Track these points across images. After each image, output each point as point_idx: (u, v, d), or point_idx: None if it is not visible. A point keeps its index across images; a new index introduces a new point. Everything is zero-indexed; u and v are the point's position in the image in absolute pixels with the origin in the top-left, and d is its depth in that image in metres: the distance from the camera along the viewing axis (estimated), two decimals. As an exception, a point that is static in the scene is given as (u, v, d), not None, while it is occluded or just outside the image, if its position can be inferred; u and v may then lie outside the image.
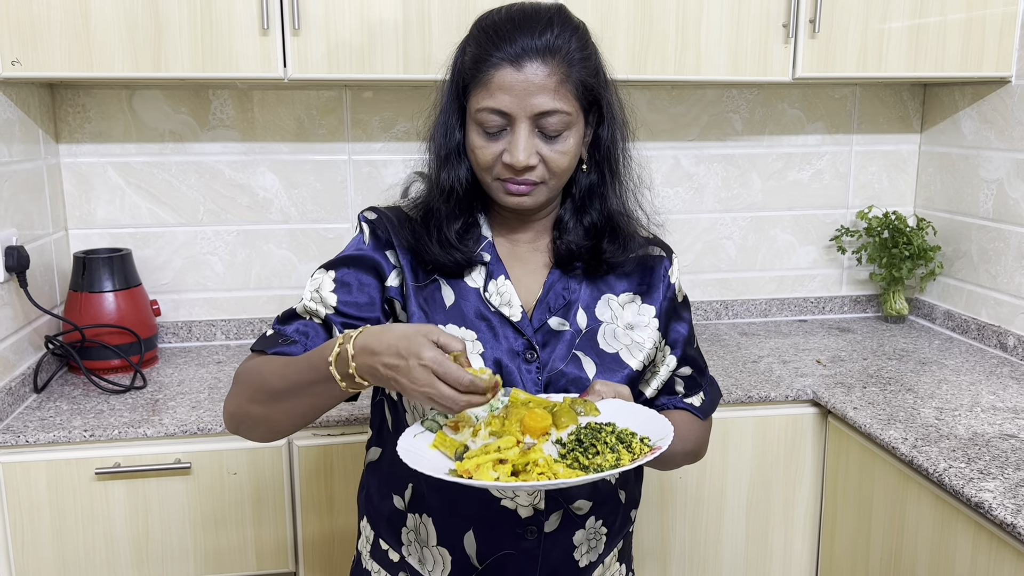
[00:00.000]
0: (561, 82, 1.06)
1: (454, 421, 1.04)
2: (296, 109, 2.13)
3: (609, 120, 1.14)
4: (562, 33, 1.07)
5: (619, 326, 1.18)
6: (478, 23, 1.12)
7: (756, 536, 1.91)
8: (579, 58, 1.08)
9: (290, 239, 2.19)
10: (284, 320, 1.13)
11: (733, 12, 1.90)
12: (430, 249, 1.12)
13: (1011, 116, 2.07)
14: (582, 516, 1.15)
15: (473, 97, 1.08)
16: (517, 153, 1.06)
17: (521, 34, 1.06)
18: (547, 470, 0.94)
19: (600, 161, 1.16)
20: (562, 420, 1.01)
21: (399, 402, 1.16)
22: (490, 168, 1.10)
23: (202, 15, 1.72)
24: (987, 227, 2.16)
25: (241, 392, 1.08)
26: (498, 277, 1.15)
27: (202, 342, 2.18)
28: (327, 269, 1.14)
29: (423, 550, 1.17)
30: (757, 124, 2.33)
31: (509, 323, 1.13)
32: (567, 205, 1.18)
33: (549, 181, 1.10)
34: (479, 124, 1.08)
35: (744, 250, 2.40)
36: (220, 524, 1.69)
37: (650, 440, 1.00)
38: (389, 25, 1.79)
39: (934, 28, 1.98)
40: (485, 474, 0.93)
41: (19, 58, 1.69)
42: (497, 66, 1.05)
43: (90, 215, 2.09)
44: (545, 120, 1.06)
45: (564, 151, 1.09)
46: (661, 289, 1.22)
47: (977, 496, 1.36)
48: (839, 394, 1.81)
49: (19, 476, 1.60)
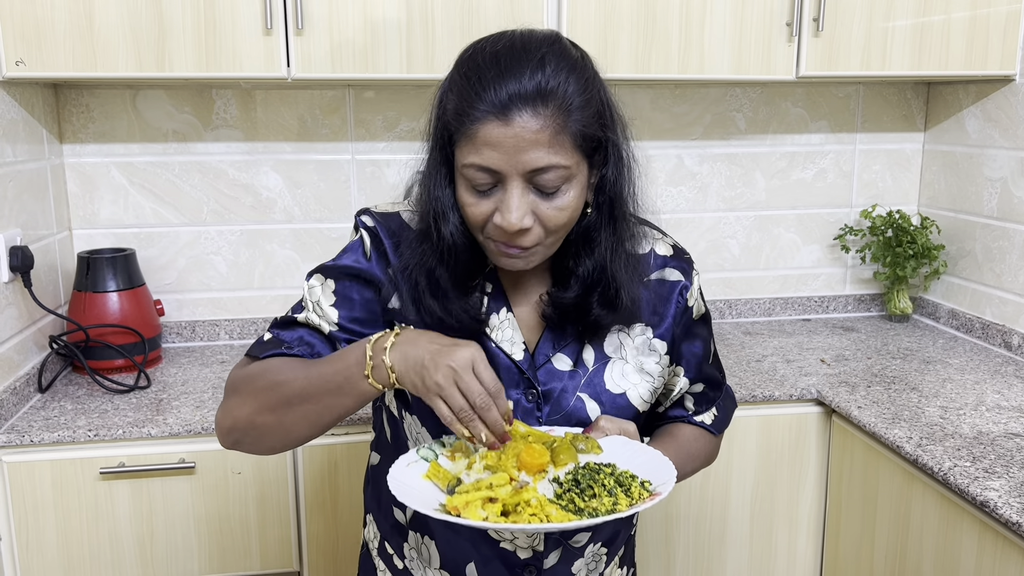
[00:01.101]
0: (556, 133, 0.92)
1: (451, 450, 1.00)
2: (299, 109, 2.13)
3: (615, 161, 1.01)
4: (556, 74, 0.93)
5: (628, 362, 1.10)
6: (459, 66, 0.97)
7: (760, 535, 1.91)
8: (578, 103, 0.93)
9: (294, 239, 2.19)
10: (283, 326, 1.07)
11: (736, 11, 1.89)
12: (431, 315, 1.03)
13: (1015, 114, 2.06)
14: (580, 547, 1.12)
15: (459, 151, 0.95)
16: (509, 216, 0.93)
17: (507, 80, 0.91)
18: (539, 511, 0.90)
19: (603, 204, 1.02)
20: (561, 457, 0.96)
21: (400, 422, 1.12)
22: (481, 227, 0.98)
23: (205, 15, 1.72)
24: (991, 226, 2.16)
25: (247, 401, 0.99)
26: (500, 310, 1.08)
27: (206, 342, 2.19)
28: (326, 276, 1.08)
29: (427, 570, 1.14)
30: (761, 123, 2.33)
31: (511, 360, 1.07)
32: (569, 250, 1.05)
33: (546, 240, 0.98)
34: (467, 180, 0.96)
35: (748, 249, 2.40)
36: (224, 524, 1.70)
37: (651, 485, 0.95)
38: (392, 24, 1.79)
39: (938, 26, 1.98)
40: (473, 513, 0.89)
41: (23, 58, 1.69)
42: (482, 120, 0.91)
43: (94, 215, 2.10)
44: (540, 177, 0.93)
45: (563, 207, 0.96)
46: (673, 316, 1.13)
47: (982, 495, 1.35)
48: (843, 393, 1.81)
49: (24, 476, 1.61)
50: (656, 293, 1.13)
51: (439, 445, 1.02)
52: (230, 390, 1.03)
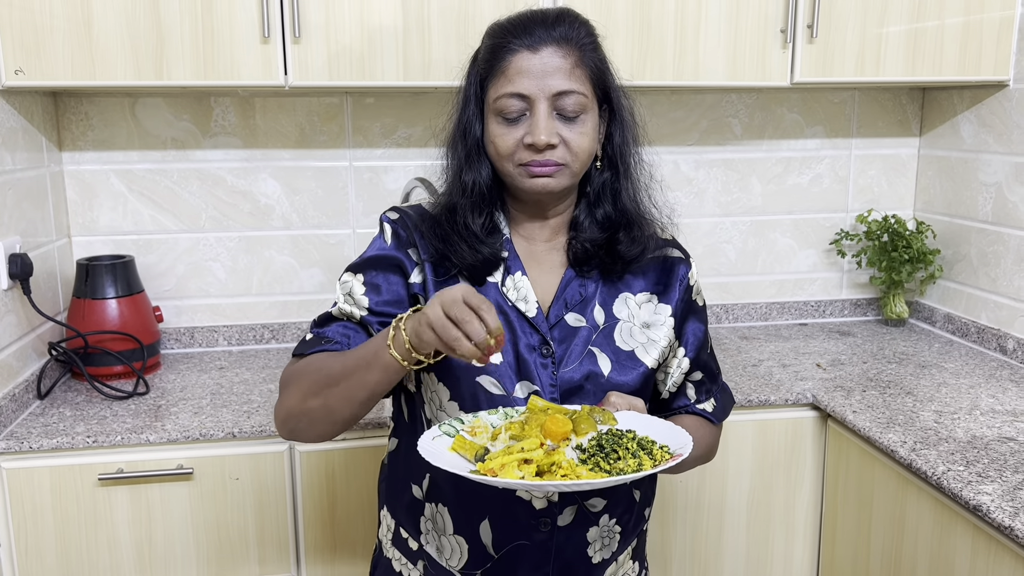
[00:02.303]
0: (576, 65, 1.10)
1: (471, 427, 1.06)
2: (297, 116, 2.14)
3: (620, 119, 1.17)
4: (573, 24, 1.12)
5: (636, 324, 1.19)
6: (489, 31, 1.16)
7: (757, 540, 1.91)
8: (590, 45, 1.13)
9: (292, 245, 2.20)
10: (322, 323, 1.17)
11: (731, 18, 1.91)
12: (458, 248, 1.15)
13: (1009, 120, 2.07)
14: (596, 513, 1.17)
15: (491, 88, 1.12)
16: (539, 132, 1.08)
17: (535, 25, 1.11)
18: (571, 471, 0.96)
19: (613, 158, 1.18)
20: (581, 427, 1.03)
21: (417, 392, 1.19)
22: (511, 155, 1.11)
23: (203, 23, 1.73)
24: (986, 230, 2.17)
25: (295, 391, 1.09)
26: (515, 273, 1.17)
27: (204, 348, 2.20)
28: (355, 272, 1.17)
29: (440, 538, 1.19)
30: (756, 128, 2.34)
31: (525, 319, 1.15)
32: (582, 204, 1.20)
33: (572, 164, 1.12)
34: (499, 113, 1.11)
35: (744, 254, 2.41)
36: (222, 529, 1.70)
37: (670, 448, 1.01)
38: (389, 32, 1.80)
39: (932, 32, 1.99)
40: (510, 473, 0.95)
41: (22, 67, 1.70)
42: (515, 51, 1.10)
43: (93, 222, 2.11)
44: (563, 101, 1.09)
45: (583, 132, 1.11)
46: (678, 289, 1.23)
47: (975, 499, 1.36)
48: (839, 398, 1.82)
49: (23, 482, 1.61)
50: (661, 267, 1.23)
51: (458, 422, 1.08)
52: (282, 386, 1.13)
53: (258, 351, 2.18)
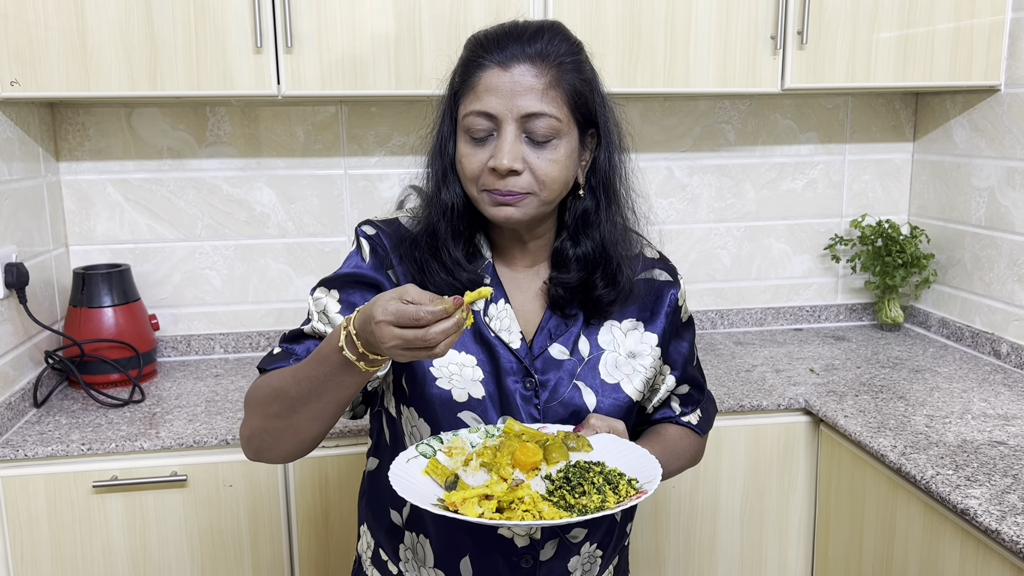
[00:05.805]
0: (550, 85, 1.03)
1: (449, 447, 1.05)
2: (292, 125, 2.16)
3: (607, 143, 1.10)
4: (552, 40, 1.05)
5: (620, 354, 1.15)
6: (468, 39, 1.10)
7: (750, 544, 1.92)
8: (571, 64, 1.05)
9: (287, 253, 2.21)
10: (292, 339, 1.11)
11: (721, 25, 1.92)
12: (436, 277, 1.09)
13: (1001, 124, 2.08)
14: (577, 543, 1.15)
15: (462, 104, 1.06)
16: (501, 156, 1.02)
17: (511, 41, 1.04)
18: (532, 508, 0.95)
19: (596, 187, 1.11)
20: (553, 455, 1.01)
21: (398, 420, 1.15)
22: (476, 178, 1.05)
23: (196, 34, 1.75)
24: (980, 235, 2.17)
25: (255, 412, 1.05)
26: (498, 301, 1.13)
27: (201, 356, 2.21)
28: (329, 288, 1.11)
29: (420, 569, 1.17)
30: (750, 135, 2.35)
31: (509, 349, 1.11)
32: (563, 235, 1.14)
33: (540, 193, 1.05)
34: (466, 131, 1.05)
35: (739, 260, 2.41)
36: (217, 536, 1.71)
37: (638, 482, 1.00)
38: (381, 41, 1.81)
39: (922, 38, 1.99)
40: (470, 509, 0.93)
41: (18, 78, 1.72)
42: (485, 67, 1.04)
43: (90, 231, 2.12)
44: (533, 123, 1.03)
45: (553, 159, 1.04)
46: (664, 316, 1.19)
47: (963, 503, 1.36)
48: (831, 402, 1.82)
49: (18, 490, 1.63)
50: (646, 290, 1.19)
51: (437, 441, 1.06)
52: (245, 405, 1.08)
53: (254, 359, 2.19)
